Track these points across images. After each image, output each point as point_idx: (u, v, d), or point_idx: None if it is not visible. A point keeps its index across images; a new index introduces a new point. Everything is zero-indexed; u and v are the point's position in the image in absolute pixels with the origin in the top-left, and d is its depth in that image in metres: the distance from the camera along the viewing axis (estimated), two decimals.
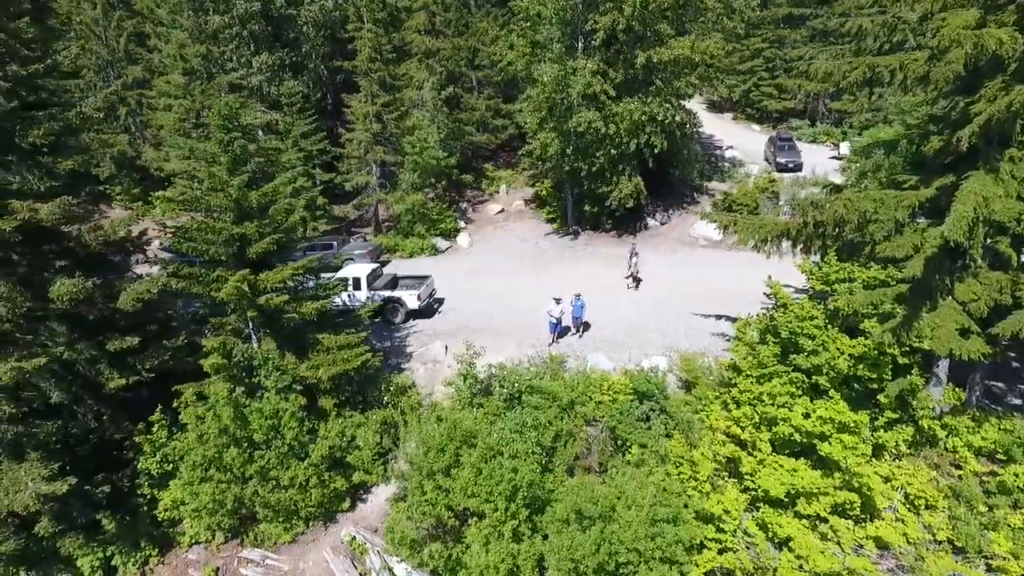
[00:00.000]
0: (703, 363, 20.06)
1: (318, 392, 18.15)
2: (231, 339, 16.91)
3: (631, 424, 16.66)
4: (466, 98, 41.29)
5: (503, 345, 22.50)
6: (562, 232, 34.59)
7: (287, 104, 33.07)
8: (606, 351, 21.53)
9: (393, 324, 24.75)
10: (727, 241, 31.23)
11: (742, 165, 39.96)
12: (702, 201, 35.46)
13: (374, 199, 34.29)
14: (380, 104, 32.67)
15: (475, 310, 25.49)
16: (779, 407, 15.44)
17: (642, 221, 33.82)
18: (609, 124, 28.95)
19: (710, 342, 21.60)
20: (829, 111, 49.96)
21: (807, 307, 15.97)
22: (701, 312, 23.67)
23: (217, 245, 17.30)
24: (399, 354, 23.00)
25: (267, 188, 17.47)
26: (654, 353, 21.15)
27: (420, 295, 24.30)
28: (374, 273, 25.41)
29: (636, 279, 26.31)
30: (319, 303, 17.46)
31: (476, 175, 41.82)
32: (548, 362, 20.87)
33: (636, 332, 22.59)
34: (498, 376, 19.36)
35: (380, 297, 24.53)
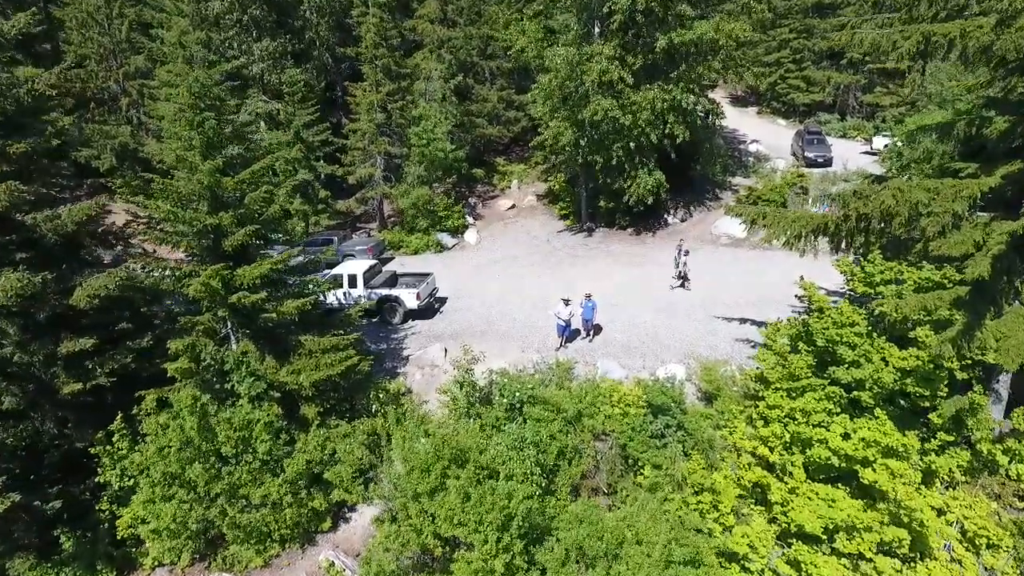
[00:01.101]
0: (726, 372, 18.10)
1: (300, 399, 16.54)
2: (203, 340, 15.35)
3: (644, 442, 14.80)
4: (477, 89, 39.61)
5: (506, 349, 20.76)
6: (575, 229, 32.74)
7: (288, 93, 31.60)
8: (618, 357, 19.66)
9: (391, 325, 23.13)
10: (751, 239, 29.15)
11: (767, 160, 37.75)
12: (724, 197, 33.39)
13: (378, 193, 32.72)
14: (385, 93, 31.09)
15: (479, 311, 23.77)
16: (814, 426, 13.48)
17: (661, 218, 31.85)
18: (627, 113, 27.03)
19: (733, 348, 19.63)
20: (860, 104, 47.48)
21: (847, 312, 13.99)
22: (723, 315, 21.70)
23: (189, 237, 15.77)
24: (395, 357, 21.35)
25: (244, 174, 15.88)
26: (671, 360, 19.24)
27: (419, 294, 22.63)
28: (372, 270, 23.80)
29: (684, 278, 24.24)
30: (301, 302, 15.82)
31: (487, 170, 40.17)
32: (554, 368, 19.06)
33: (651, 336, 20.69)
34: (498, 383, 17.60)
35: (377, 296, 22.93)
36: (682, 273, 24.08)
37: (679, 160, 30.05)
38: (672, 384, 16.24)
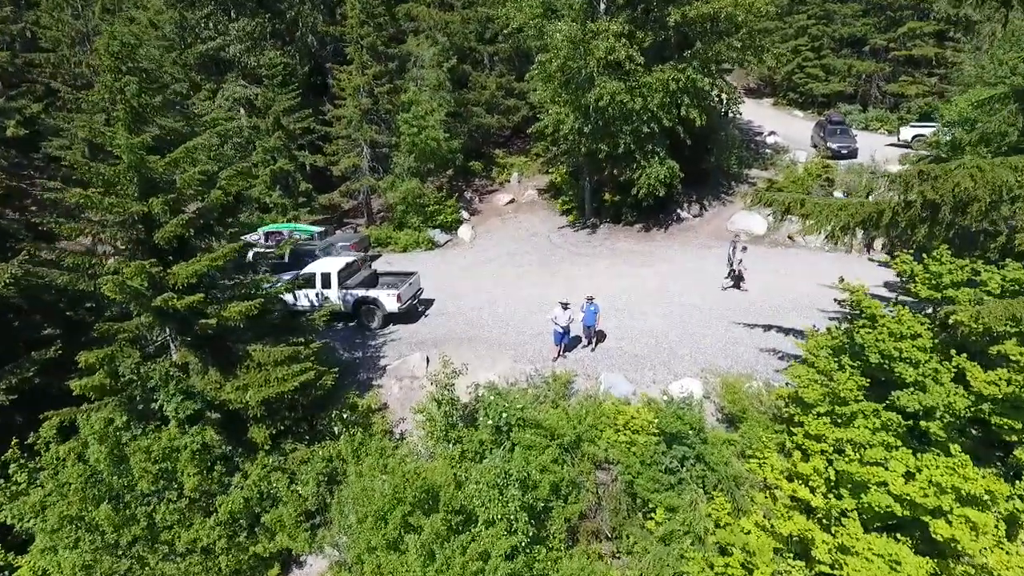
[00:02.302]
0: (751, 389, 15.47)
1: (249, 420, 14.01)
2: (126, 351, 12.82)
3: (655, 478, 12.17)
4: (475, 76, 37.04)
5: (497, 358, 18.17)
6: (578, 225, 30.11)
7: (267, 77, 29.12)
8: (624, 369, 17.03)
9: (369, 330, 20.56)
10: (772, 236, 26.52)
11: (786, 152, 34.96)
12: (742, 190, 30.62)
13: (364, 185, 30.16)
14: (371, 75, 28.52)
15: (468, 315, 21.18)
16: (868, 464, 10.81)
17: (672, 213, 29.15)
18: (636, 96, 24.38)
19: (757, 360, 16.97)
20: (883, 95, 44.54)
21: (908, 321, 11.30)
22: (743, 321, 19.03)
23: (112, 227, 13.26)
24: (371, 367, 18.78)
25: (178, 152, 13.33)
26: (685, 374, 16.60)
27: (400, 295, 20.05)
28: (349, 268, 21.23)
29: (739, 278, 21.54)
30: (246, 305, 13.26)
31: (486, 163, 37.64)
32: (550, 383, 16.46)
33: (662, 345, 18.05)
34: (484, 401, 15.03)
35: (354, 297, 20.38)
36: (737, 272, 21.39)
37: (691, 151, 27.40)
38: (689, 405, 13.57)
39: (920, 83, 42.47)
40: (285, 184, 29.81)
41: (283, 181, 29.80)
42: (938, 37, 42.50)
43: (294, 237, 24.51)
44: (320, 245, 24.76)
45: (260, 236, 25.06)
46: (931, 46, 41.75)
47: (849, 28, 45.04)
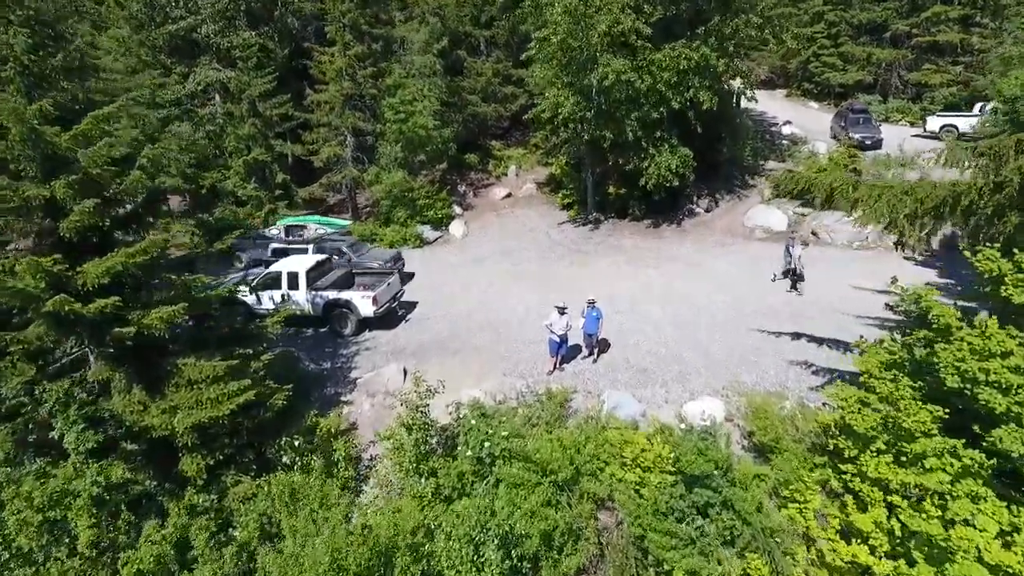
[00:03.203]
0: (783, 411, 13.00)
1: (180, 448, 11.62)
2: (21, 367, 10.43)
3: (671, 531, 9.70)
4: (470, 62, 34.61)
5: (485, 371, 15.77)
6: (580, 220, 27.69)
7: (241, 58, 26.73)
8: (631, 386, 14.59)
9: (341, 337, 18.16)
10: (797, 231, 23.96)
11: (804, 143, 32.44)
12: (757, 184, 28.16)
13: (346, 177, 27.73)
14: (352, 55, 26.10)
15: (454, 319, 18.78)
16: (951, 522, 8.35)
17: (683, 207, 26.69)
18: (644, 76, 21.93)
19: (786, 375, 14.50)
20: (905, 84, 41.91)
21: (997, 336, 8.83)
22: (767, 328, 16.57)
23: (6, 215, 10.87)
24: (339, 380, 16.39)
25: (85, 123, 10.90)
26: (702, 391, 14.15)
27: (377, 298, 17.65)
28: (319, 268, 18.84)
29: (797, 277, 18.97)
30: (170, 310, 10.84)
31: (482, 155, 35.24)
32: (544, 402, 14.03)
33: (675, 357, 15.60)
34: (465, 424, 12.63)
35: (324, 300, 17.99)
36: (795, 271, 18.82)
37: (703, 140, 24.94)
38: (712, 435, 11.11)
39: (944, 71, 39.86)
40: (261, 176, 27.41)
41: (259, 172, 27.41)
42: (963, 22, 39.97)
43: (319, 232, 22.12)
44: (348, 241, 22.44)
45: (280, 231, 22.52)
46: (956, 32, 39.18)
47: (868, 14, 42.39)
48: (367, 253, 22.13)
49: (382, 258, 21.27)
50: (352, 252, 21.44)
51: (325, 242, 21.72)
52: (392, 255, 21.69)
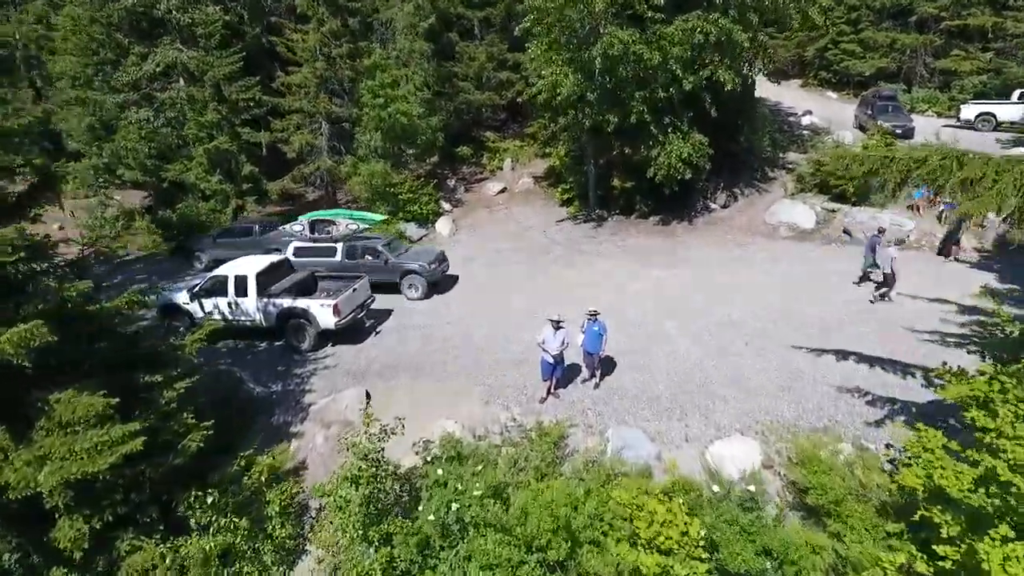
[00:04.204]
0: (837, 456, 10.19)
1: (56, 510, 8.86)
2: None
3: None
4: (462, 46, 31.89)
5: (463, 397, 13.01)
6: (581, 217, 24.93)
7: (204, 36, 23.99)
8: (643, 417, 11.80)
9: (298, 352, 15.41)
10: (824, 231, 21.19)
11: (828, 133, 29.61)
12: (778, 177, 25.36)
13: (320, 168, 24.95)
14: (327, 32, 23.34)
15: (431, 332, 16.03)
16: None
17: (696, 202, 23.89)
18: (653, 50, 19.14)
19: (835, 406, 11.70)
20: (931, 72, 39.00)
21: None
22: (805, 345, 13.78)
23: None
24: (290, 407, 13.63)
25: None
26: (731, 426, 11.36)
27: (339, 307, 14.88)
28: (272, 271, 16.08)
29: (885, 285, 15.83)
30: (22, 330, 8.04)
31: (477, 148, 32.53)
32: (534, 440, 11.25)
33: (695, 381, 12.80)
34: (430, 475, 9.87)
35: (277, 309, 15.23)
36: (889, 275, 15.61)
37: (719, 128, 22.17)
38: (758, 503, 8.31)
39: (974, 58, 36.97)
40: (227, 168, 24.68)
41: (225, 164, 24.67)
42: (994, 5, 37.07)
43: (350, 227, 18.99)
44: (383, 239, 19.39)
45: (303, 226, 19.53)
46: (988, 15, 36.28)
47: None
48: (406, 253, 19.03)
49: (426, 259, 18.26)
50: (388, 252, 18.36)
51: (357, 240, 18.70)
52: (436, 255, 18.71)
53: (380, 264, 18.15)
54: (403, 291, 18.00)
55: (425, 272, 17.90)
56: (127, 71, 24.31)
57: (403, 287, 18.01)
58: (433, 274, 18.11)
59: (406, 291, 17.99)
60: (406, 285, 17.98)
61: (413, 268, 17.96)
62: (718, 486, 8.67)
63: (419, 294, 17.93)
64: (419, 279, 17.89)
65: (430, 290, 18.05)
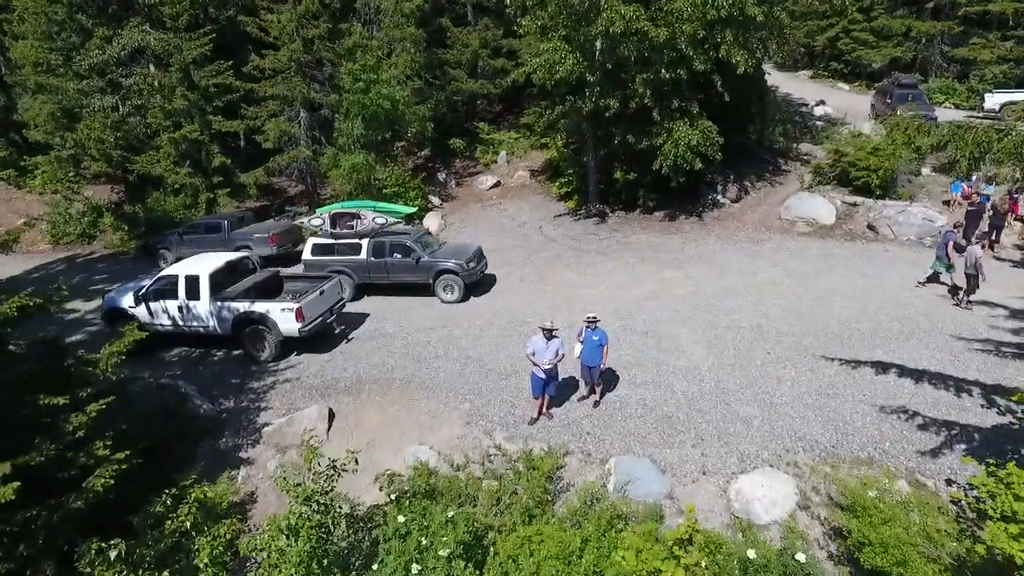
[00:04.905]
0: (891, 493, 8.32)
1: None
2: None
3: None
4: (455, 32, 30.04)
5: (442, 417, 11.19)
6: (580, 213, 23.07)
7: (170, 16, 22.14)
8: (651, 444, 9.94)
9: (258, 362, 13.56)
10: (846, 226, 19.35)
11: (843, 123, 27.78)
12: (792, 169, 23.49)
13: (297, 159, 23.08)
14: (303, 11, 21.48)
15: (411, 340, 14.17)
16: None
17: (705, 196, 22.02)
18: (660, 27, 17.31)
19: (878, 429, 9.83)
20: (948, 61, 37.13)
21: None
22: (838, 355, 11.92)
23: None
24: (241, 426, 11.79)
25: None
26: (757, 454, 9.50)
27: (303, 311, 13.02)
28: (230, 270, 14.22)
29: (969, 288, 13.73)
30: None
31: (470, 140, 30.69)
32: (522, 473, 9.38)
33: (713, 398, 10.94)
34: (390, 518, 8.02)
35: (232, 313, 13.37)
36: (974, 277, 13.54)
37: (729, 116, 20.38)
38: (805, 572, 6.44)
39: (994, 46, 35.10)
40: (197, 159, 22.85)
41: (195, 155, 22.84)
42: None
43: (377, 221, 16.68)
44: (414, 234, 17.00)
45: (324, 220, 17.07)
46: (1009, 0, 34.42)
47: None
48: (439, 250, 16.85)
49: (462, 256, 16.15)
50: (420, 248, 16.27)
51: (384, 235, 16.62)
52: (473, 252, 16.59)
53: (411, 263, 16.08)
54: (437, 293, 16.04)
55: (462, 272, 15.80)
56: (89, 54, 22.49)
57: (437, 289, 16.00)
58: (471, 274, 16.04)
59: (441, 293, 16.01)
60: (441, 286, 15.95)
61: (449, 267, 15.84)
62: (754, 550, 6.80)
63: (456, 296, 15.92)
64: (456, 279, 15.83)
65: (467, 292, 16.04)
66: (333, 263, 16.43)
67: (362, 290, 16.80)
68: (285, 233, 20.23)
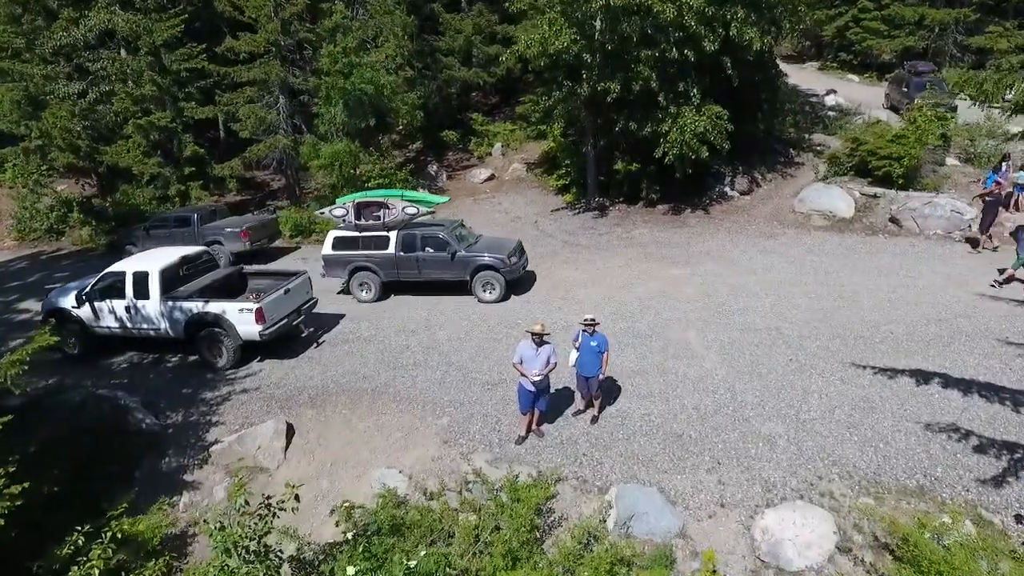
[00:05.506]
0: (952, 532, 6.81)
1: None
2: None
3: None
4: (447, 18, 28.60)
5: (416, 435, 9.72)
6: (579, 206, 21.60)
7: None
8: (658, 469, 8.45)
9: (215, 369, 12.07)
10: (867, 219, 17.88)
11: (857, 113, 26.28)
12: (805, 160, 21.97)
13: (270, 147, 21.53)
14: None
15: (388, 344, 12.70)
16: None
17: (712, 189, 20.53)
18: (667, 5, 15.82)
19: (924, 449, 8.36)
20: (963, 51, 35.61)
21: None
22: (871, 363, 10.43)
23: None
24: (187, 443, 10.30)
25: None
26: (785, 483, 8.02)
27: (263, 311, 11.52)
28: (185, 266, 12.73)
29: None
30: None
31: (464, 132, 29.23)
32: (506, 506, 7.86)
33: (727, 413, 9.44)
34: (338, 570, 6.52)
35: (185, 315, 11.87)
36: None
37: (738, 102, 18.89)
38: None
39: (1012, 35, 33.55)
40: (168, 149, 21.36)
41: (166, 144, 21.35)
42: None
43: (407, 212, 14.67)
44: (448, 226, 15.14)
45: (347, 211, 15.17)
46: None
47: None
48: (476, 244, 15.16)
49: (502, 250, 14.50)
50: (455, 242, 14.59)
51: (415, 227, 14.88)
52: (514, 246, 14.91)
53: (445, 258, 14.44)
54: (475, 291, 14.41)
55: (503, 267, 14.11)
56: (53, 36, 20.99)
57: (475, 287, 14.37)
58: (513, 270, 14.38)
59: (479, 292, 14.37)
60: (479, 284, 14.32)
61: (488, 263, 14.20)
62: None
63: (496, 295, 14.28)
64: (496, 276, 14.19)
65: (507, 290, 14.44)
66: (357, 258, 14.77)
67: (388, 289, 15.14)
68: (259, 227, 18.77)
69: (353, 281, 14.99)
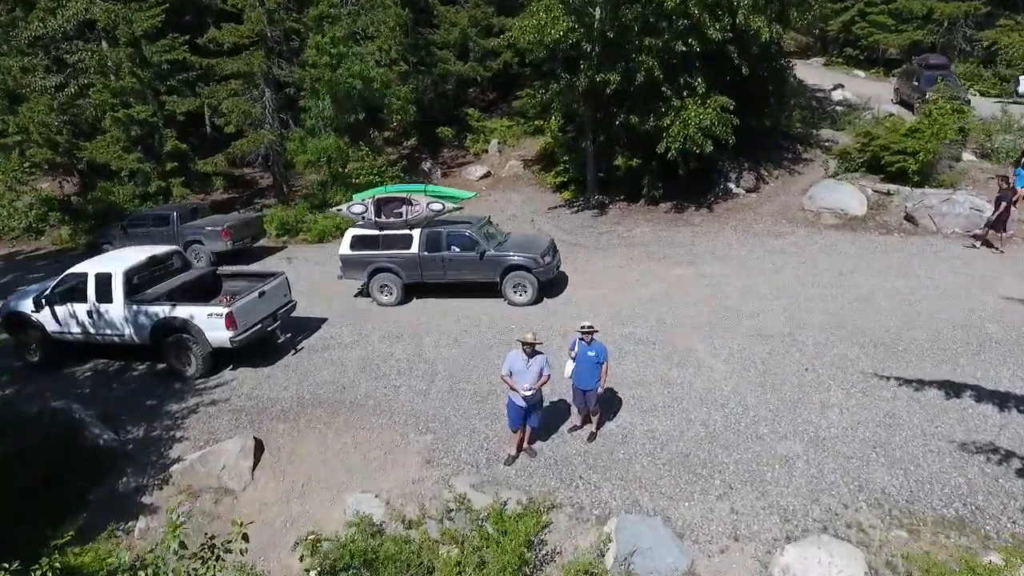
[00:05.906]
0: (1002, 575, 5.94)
1: None
2: None
3: None
4: (442, 11, 27.71)
5: (396, 453, 8.84)
6: (578, 204, 20.71)
7: None
8: (663, 493, 7.57)
9: (182, 380, 11.18)
10: (880, 217, 16.99)
11: (866, 108, 25.34)
12: (813, 157, 21.05)
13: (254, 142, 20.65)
14: None
15: (370, 352, 11.81)
16: None
17: (716, 186, 19.63)
18: None
19: (961, 471, 7.47)
20: (972, 45, 34.69)
21: None
22: (896, 374, 9.53)
23: None
24: (147, 463, 9.40)
25: None
26: (806, 512, 7.12)
27: (234, 316, 10.63)
28: (154, 267, 11.85)
29: None
30: None
31: (460, 129, 28.36)
32: (491, 539, 6.97)
33: (739, 430, 8.55)
34: None
35: (151, 320, 10.98)
36: None
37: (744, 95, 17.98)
38: None
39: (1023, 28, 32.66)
40: (149, 144, 20.48)
41: (147, 139, 20.48)
42: None
43: (432, 208, 13.56)
44: (475, 223, 13.92)
45: (367, 207, 13.92)
46: None
47: None
48: (506, 242, 14.01)
49: (535, 249, 13.47)
50: (484, 241, 13.45)
51: (441, 226, 13.77)
52: (547, 244, 13.90)
53: (473, 258, 13.37)
54: (505, 294, 13.39)
55: (536, 268, 13.09)
56: (30, 26, 20.11)
57: (505, 289, 13.34)
58: (547, 270, 13.37)
59: (510, 294, 13.35)
60: (510, 286, 13.29)
61: (520, 262, 13.14)
62: None
63: (528, 298, 13.26)
64: (528, 277, 13.15)
65: (540, 293, 13.41)
66: (377, 259, 13.68)
67: (411, 291, 14.08)
68: (241, 226, 17.87)
69: (373, 283, 13.83)
